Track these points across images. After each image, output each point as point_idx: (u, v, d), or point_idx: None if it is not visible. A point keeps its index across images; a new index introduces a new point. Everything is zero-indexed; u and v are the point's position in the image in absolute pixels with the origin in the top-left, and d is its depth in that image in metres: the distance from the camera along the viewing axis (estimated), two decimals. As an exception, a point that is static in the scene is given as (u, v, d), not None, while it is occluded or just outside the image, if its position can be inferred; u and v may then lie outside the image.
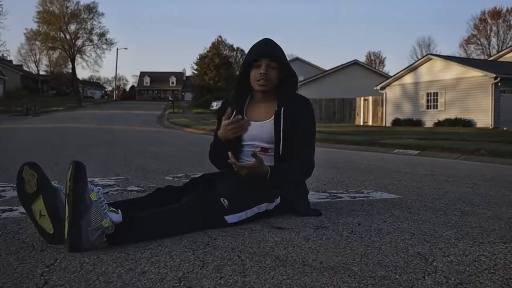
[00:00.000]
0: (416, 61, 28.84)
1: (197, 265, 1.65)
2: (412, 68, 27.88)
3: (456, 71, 25.32)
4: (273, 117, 2.54)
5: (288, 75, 2.58)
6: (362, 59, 75.88)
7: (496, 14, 62.88)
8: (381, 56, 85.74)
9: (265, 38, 2.61)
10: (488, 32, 64.22)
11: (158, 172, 4.57)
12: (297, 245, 1.93)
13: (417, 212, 2.72)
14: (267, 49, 2.53)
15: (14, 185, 3.42)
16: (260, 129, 2.55)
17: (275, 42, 2.61)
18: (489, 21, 63.61)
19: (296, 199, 2.54)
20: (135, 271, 1.58)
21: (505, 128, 21.68)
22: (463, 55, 62.44)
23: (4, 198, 3.05)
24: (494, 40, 63.72)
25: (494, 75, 23.20)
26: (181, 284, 1.47)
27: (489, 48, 62.96)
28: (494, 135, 14.81)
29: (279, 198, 2.48)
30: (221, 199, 2.22)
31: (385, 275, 1.57)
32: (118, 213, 1.88)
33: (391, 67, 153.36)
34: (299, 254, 1.81)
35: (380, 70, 62.68)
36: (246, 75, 2.57)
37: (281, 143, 2.50)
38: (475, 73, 24.28)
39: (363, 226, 2.30)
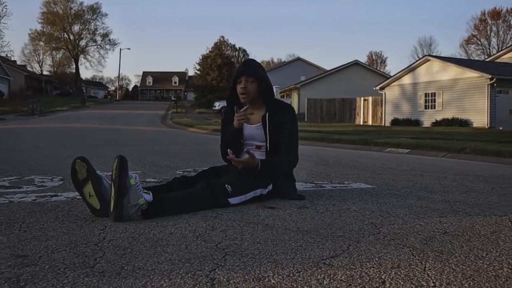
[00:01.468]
0: (415, 62, 29.43)
1: (209, 229, 2.30)
2: (410, 69, 28.49)
3: (453, 72, 25.93)
4: (261, 121, 3.19)
5: (268, 86, 3.22)
6: (363, 59, 76.52)
7: (496, 14, 63.39)
8: (383, 56, 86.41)
9: (247, 59, 3.28)
10: (488, 32, 64.75)
11: (169, 167, 5.22)
12: (282, 218, 2.58)
13: (383, 197, 3.36)
14: (245, 69, 3.18)
15: (50, 177, 4.09)
16: (254, 131, 3.20)
17: (254, 62, 3.29)
18: (489, 21, 64.15)
19: (285, 187, 3.19)
20: (165, 232, 2.23)
21: (500, 128, 22.27)
22: (463, 55, 63.01)
23: (46, 187, 3.69)
24: (494, 40, 64.26)
25: (490, 76, 23.80)
26: (198, 239, 2.11)
27: (489, 48, 63.48)
28: (486, 135, 15.41)
29: (271, 185, 3.13)
30: (226, 185, 2.87)
31: (342, 235, 2.21)
32: (150, 194, 2.54)
33: (392, 67, 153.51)
34: (283, 223, 2.46)
35: (382, 70, 63.31)
36: (235, 90, 3.23)
37: (267, 141, 3.15)
38: (471, 74, 24.89)
39: (336, 207, 2.95)
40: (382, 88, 30.06)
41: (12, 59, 67.30)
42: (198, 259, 1.81)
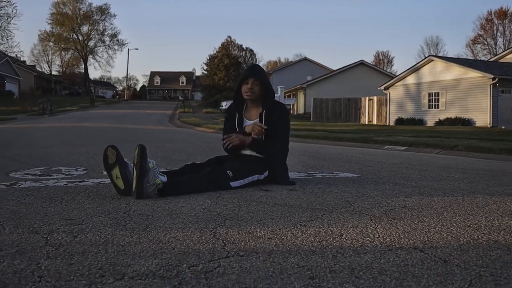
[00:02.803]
0: (418, 62, 29.85)
1: (213, 204, 2.85)
2: (414, 69, 28.96)
3: (456, 72, 26.38)
4: (258, 118, 3.73)
5: (269, 89, 3.77)
6: (370, 58, 76.75)
7: (502, 14, 63.59)
8: (389, 56, 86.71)
9: (254, 64, 3.84)
10: (495, 32, 64.95)
11: (179, 160, 5.78)
12: (273, 197, 3.12)
13: (364, 183, 3.89)
14: (253, 72, 3.77)
15: (74, 168, 4.64)
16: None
17: (260, 67, 3.90)
18: (496, 21, 64.34)
19: (278, 173, 3.73)
20: (177, 206, 2.78)
21: (503, 127, 22.68)
22: (469, 55, 63.24)
23: (73, 175, 4.26)
24: (500, 40, 64.43)
25: (492, 76, 24.23)
26: (204, 210, 2.66)
27: (495, 48, 63.65)
28: (485, 134, 15.85)
29: (267, 172, 3.67)
30: (228, 171, 3.42)
31: (319, 208, 2.76)
32: (165, 176, 3.09)
33: (399, 67, 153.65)
34: (274, 200, 3.00)
35: (388, 69, 63.60)
36: (240, 90, 3.79)
37: (263, 134, 3.70)
38: (474, 74, 25.33)
39: (321, 189, 3.49)
40: (387, 88, 30.53)
41: (22, 59, 68.20)
42: (204, 221, 2.36)
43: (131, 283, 1.48)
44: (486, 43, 65.45)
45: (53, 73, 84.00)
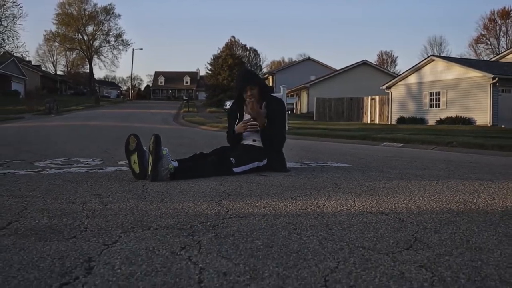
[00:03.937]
0: (420, 62, 30.23)
1: (218, 185, 3.30)
2: (416, 69, 29.34)
3: (457, 71, 26.77)
4: None
5: (265, 88, 4.23)
6: (374, 58, 77.02)
7: (505, 14, 63.82)
8: (393, 56, 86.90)
9: (243, 72, 4.36)
10: (498, 32, 65.18)
11: (186, 153, 6.20)
12: (271, 180, 3.57)
13: (353, 171, 4.34)
14: (245, 81, 4.19)
15: (91, 159, 5.08)
16: (253, 118, 4.21)
17: (249, 72, 4.44)
18: (498, 21, 64.57)
19: (276, 162, 4.18)
20: (188, 186, 3.23)
21: (503, 126, 23.05)
22: (472, 54, 63.52)
23: (91, 164, 4.72)
24: (503, 40, 64.68)
25: (492, 76, 24.61)
26: (210, 189, 3.11)
27: (498, 48, 63.84)
28: (483, 132, 16.23)
29: (266, 160, 4.12)
30: (231, 158, 3.87)
31: (309, 187, 3.20)
32: (176, 162, 3.55)
33: (402, 67, 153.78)
34: (271, 182, 3.45)
35: (392, 69, 63.88)
36: (240, 94, 4.25)
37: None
38: (474, 74, 25.71)
39: (313, 175, 3.93)
40: (389, 88, 30.92)
41: (27, 59, 68.74)
42: (210, 196, 2.81)
43: (156, 232, 1.93)
44: (489, 42, 65.72)
45: (58, 73, 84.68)
